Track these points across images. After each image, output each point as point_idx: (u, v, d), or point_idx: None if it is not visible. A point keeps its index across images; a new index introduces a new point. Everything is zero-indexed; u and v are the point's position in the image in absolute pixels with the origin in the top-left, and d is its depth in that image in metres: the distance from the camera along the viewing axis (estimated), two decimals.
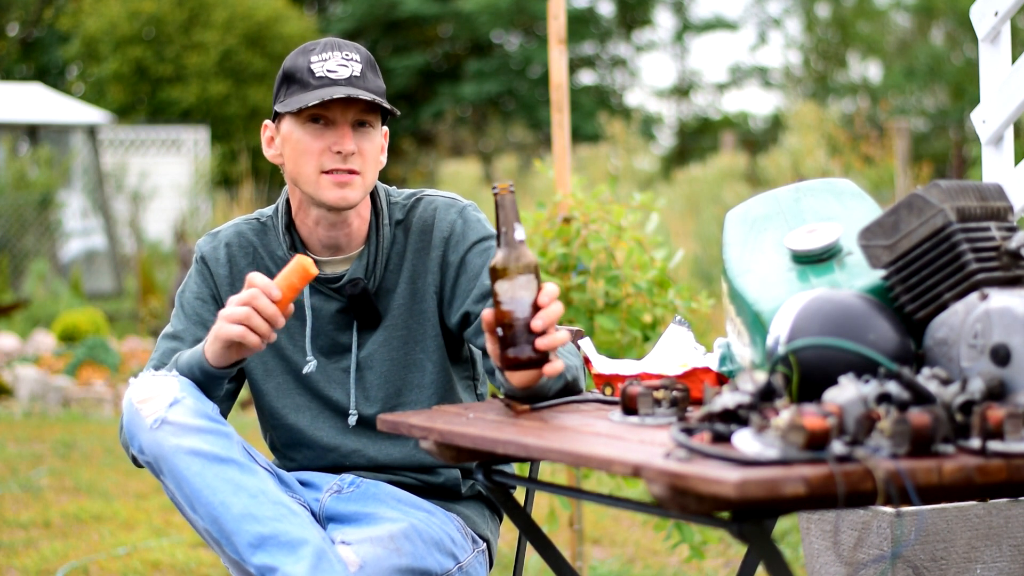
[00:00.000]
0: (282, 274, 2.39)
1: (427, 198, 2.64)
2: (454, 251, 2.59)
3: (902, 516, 2.96)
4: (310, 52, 2.55)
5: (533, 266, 2.20)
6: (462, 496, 2.67)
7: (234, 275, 2.63)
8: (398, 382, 2.60)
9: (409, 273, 2.60)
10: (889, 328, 1.93)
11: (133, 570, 4.64)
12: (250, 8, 21.46)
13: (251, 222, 2.67)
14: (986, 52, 3.32)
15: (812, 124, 12.34)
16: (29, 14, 24.73)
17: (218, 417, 2.41)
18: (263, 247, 2.64)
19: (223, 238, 2.65)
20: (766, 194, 2.32)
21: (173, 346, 2.59)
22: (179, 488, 2.36)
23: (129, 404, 2.41)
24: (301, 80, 2.52)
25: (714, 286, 8.28)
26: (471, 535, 2.62)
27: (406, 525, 2.49)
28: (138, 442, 2.39)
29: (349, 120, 2.51)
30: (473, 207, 2.64)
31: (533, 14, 24.45)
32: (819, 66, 28.69)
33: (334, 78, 2.51)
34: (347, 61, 2.53)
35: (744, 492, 1.65)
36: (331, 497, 2.55)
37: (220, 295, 2.63)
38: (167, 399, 2.38)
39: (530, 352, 2.19)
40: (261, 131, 2.62)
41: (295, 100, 2.50)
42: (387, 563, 2.42)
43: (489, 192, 13.76)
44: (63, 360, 9.11)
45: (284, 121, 2.55)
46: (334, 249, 2.60)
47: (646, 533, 5.11)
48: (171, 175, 16.48)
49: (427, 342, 2.60)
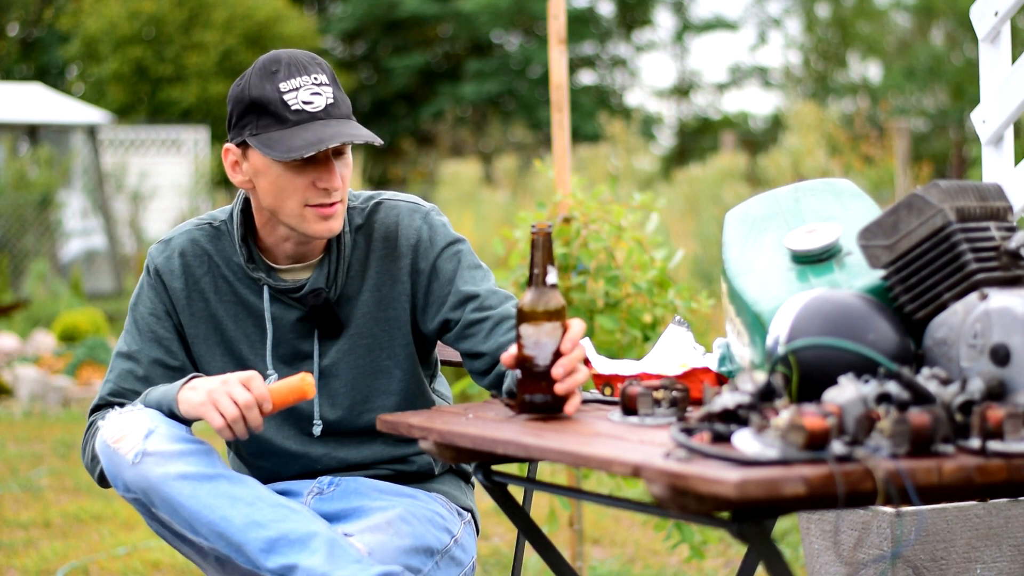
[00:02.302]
0: (281, 388, 2.37)
1: (388, 202, 2.60)
2: (423, 258, 2.56)
3: (902, 516, 2.96)
4: (275, 76, 2.44)
5: (561, 312, 2.18)
6: (436, 475, 2.67)
7: (189, 287, 2.57)
8: (364, 389, 2.58)
9: (374, 280, 2.56)
10: (889, 328, 1.93)
11: (133, 570, 4.64)
12: (250, 8, 21.46)
13: (204, 227, 2.59)
14: (986, 52, 3.32)
15: (812, 124, 12.33)
16: (29, 14, 24.73)
17: (194, 437, 2.40)
18: (218, 254, 2.57)
19: (176, 246, 2.58)
20: (766, 194, 2.32)
21: (129, 367, 2.56)
22: (175, 515, 2.34)
23: (104, 446, 2.38)
24: (275, 114, 2.43)
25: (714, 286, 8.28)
26: (455, 508, 2.64)
27: (399, 510, 2.49)
28: (122, 480, 2.36)
29: (330, 156, 2.45)
30: (435, 211, 2.61)
31: (533, 14, 24.45)
32: (819, 66, 28.69)
33: (312, 111, 2.43)
34: (318, 87, 2.45)
35: (744, 492, 1.65)
36: (314, 499, 2.55)
37: (175, 309, 2.58)
38: (142, 431, 2.36)
39: (546, 398, 2.18)
40: (223, 154, 2.52)
41: (277, 141, 2.41)
42: (392, 546, 2.43)
43: (489, 192, 13.75)
44: (63, 360, 9.10)
45: (254, 152, 2.46)
46: (296, 258, 2.56)
47: (646, 533, 5.11)
48: (171, 175, 16.48)
49: (395, 349, 2.58)
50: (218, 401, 2.35)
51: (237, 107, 2.48)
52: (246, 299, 2.57)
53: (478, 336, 2.51)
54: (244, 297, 2.57)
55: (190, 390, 2.40)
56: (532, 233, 2.21)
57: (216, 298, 2.57)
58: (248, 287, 2.57)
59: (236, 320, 2.57)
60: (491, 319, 2.51)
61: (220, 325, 2.57)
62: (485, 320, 2.51)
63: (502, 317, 2.51)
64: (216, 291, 2.57)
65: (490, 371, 2.52)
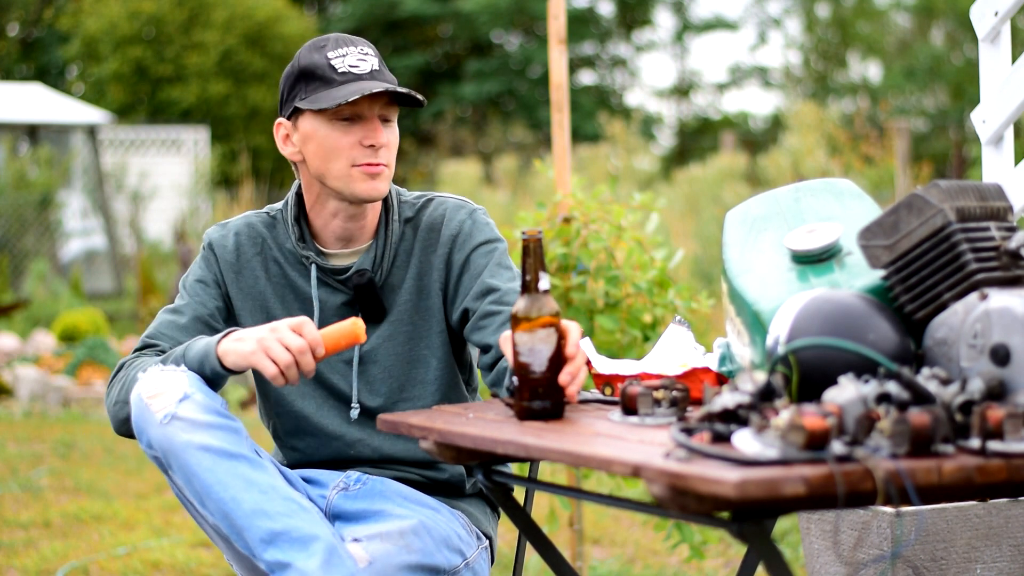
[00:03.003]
0: (333, 332, 2.38)
1: (438, 199, 2.67)
2: (460, 250, 2.61)
3: (902, 516, 2.96)
4: (324, 48, 2.56)
5: (555, 318, 2.19)
6: (465, 494, 2.68)
7: (241, 263, 2.64)
8: (402, 377, 2.61)
9: (416, 270, 2.62)
10: (889, 328, 1.93)
11: (133, 570, 4.64)
12: (250, 8, 21.46)
13: (261, 215, 2.69)
14: (986, 52, 3.32)
15: (812, 124, 12.33)
16: (29, 14, 24.73)
17: (227, 412, 2.41)
18: (272, 239, 2.65)
19: (233, 227, 2.67)
20: (766, 194, 2.32)
21: (171, 318, 2.61)
22: (189, 484, 2.36)
23: (139, 399, 2.40)
24: (324, 77, 2.54)
25: (714, 286, 8.28)
26: (475, 532, 2.63)
27: (415, 522, 2.49)
28: (147, 437, 2.38)
29: (376, 114, 2.54)
30: (483, 211, 2.67)
31: (533, 14, 24.46)
32: (819, 66, 28.70)
33: (358, 72, 2.54)
34: (364, 56, 2.56)
35: (744, 492, 1.65)
36: (338, 495, 2.56)
37: (224, 281, 2.64)
38: (177, 394, 2.37)
39: (544, 404, 2.19)
40: (274, 129, 2.63)
41: (324, 96, 2.52)
42: (396, 559, 2.43)
43: (489, 192, 13.76)
44: (63, 360, 9.10)
45: (304, 118, 2.57)
46: (345, 241, 2.62)
47: (646, 533, 5.11)
48: (171, 175, 16.48)
49: (432, 338, 2.62)
50: (270, 348, 2.36)
51: (287, 82, 2.59)
52: (295, 282, 2.63)
53: (489, 328, 2.53)
54: (293, 280, 2.63)
55: (236, 341, 2.41)
56: (523, 240, 2.21)
57: (265, 277, 2.64)
58: (297, 270, 2.63)
59: (283, 301, 2.63)
60: (504, 313, 2.53)
61: (267, 304, 2.63)
62: (499, 313, 2.54)
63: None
64: (266, 271, 2.64)
65: (495, 365, 2.53)
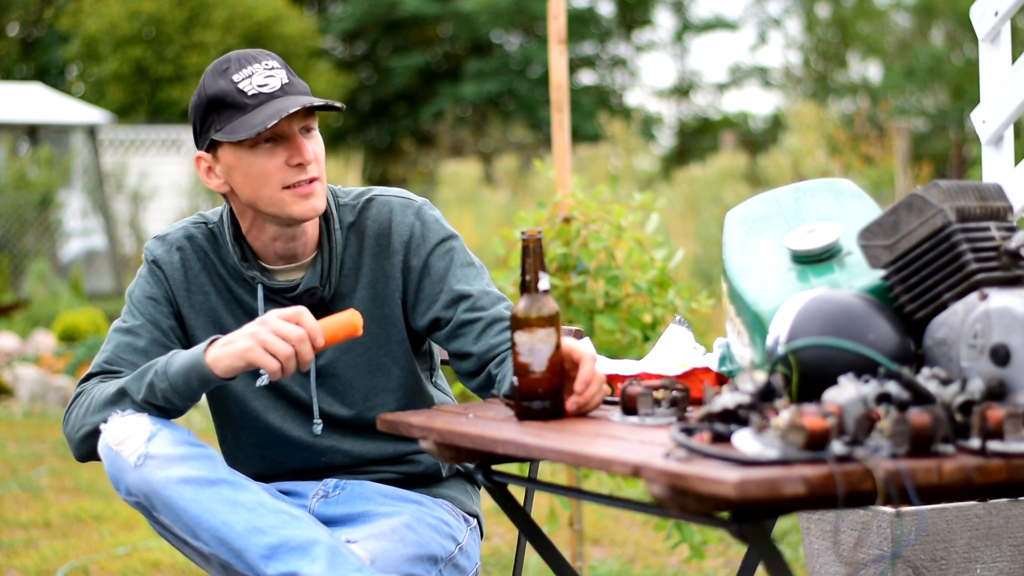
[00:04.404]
0: (331, 324, 2.34)
1: (379, 198, 2.59)
2: (415, 255, 2.55)
3: (902, 516, 2.96)
4: (227, 71, 2.46)
5: (555, 318, 2.19)
6: (443, 478, 2.66)
7: (189, 279, 2.56)
8: (364, 388, 2.57)
9: (368, 278, 2.56)
10: (889, 328, 1.93)
11: (133, 570, 4.64)
12: (250, 8, 21.45)
13: (199, 226, 2.59)
14: (986, 52, 3.33)
15: (812, 124, 12.32)
16: (29, 14, 24.73)
17: (197, 441, 2.38)
18: (214, 253, 2.57)
19: (173, 242, 2.58)
20: (766, 194, 2.32)
21: (128, 340, 2.53)
22: (177, 520, 2.33)
23: (107, 449, 2.36)
24: (235, 103, 2.43)
25: (714, 286, 8.28)
26: (461, 515, 2.63)
27: (405, 517, 2.49)
28: (124, 484, 2.35)
29: (297, 129, 2.46)
30: (428, 205, 2.60)
31: (533, 14, 24.45)
32: (819, 66, 28.69)
33: (269, 92, 2.44)
34: (270, 71, 2.46)
35: (744, 492, 1.65)
36: (319, 503, 2.54)
37: (175, 299, 2.56)
38: (144, 435, 2.34)
39: (544, 404, 2.19)
40: (195, 163, 2.52)
41: (239, 125, 2.43)
42: (396, 554, 2.43)
43: (489, 192, 13.75)
44: (63, 360, 9.10)
45: (224, 150, 2.46)
46: (288, 259, 2.55)
47: (646, 533, 5.11)
48: (171, 175, 16.47)
49: (392, 347, 2.57)
50: (267, 342, 2.30)
51: (198, 113, 2.49)
52: (242, 299, 2.56)
53: (468, 337, 2.51)
54: (240, 296, 2.56)
55: (224, 345, 2.35)
56: (523, 240, 2.21)
57: (215, 293, 2.57)
58: (243, 287, 2.56)
59: (235, 315, 2.56)
60: (483, 320, 2.50)
61: (219, 319, 2.56)
62: (477, 321, 2.51)
63: (494, 319, 2.51)
64: (214, 287, 2.57)
65: (478, 372, 2.51)
